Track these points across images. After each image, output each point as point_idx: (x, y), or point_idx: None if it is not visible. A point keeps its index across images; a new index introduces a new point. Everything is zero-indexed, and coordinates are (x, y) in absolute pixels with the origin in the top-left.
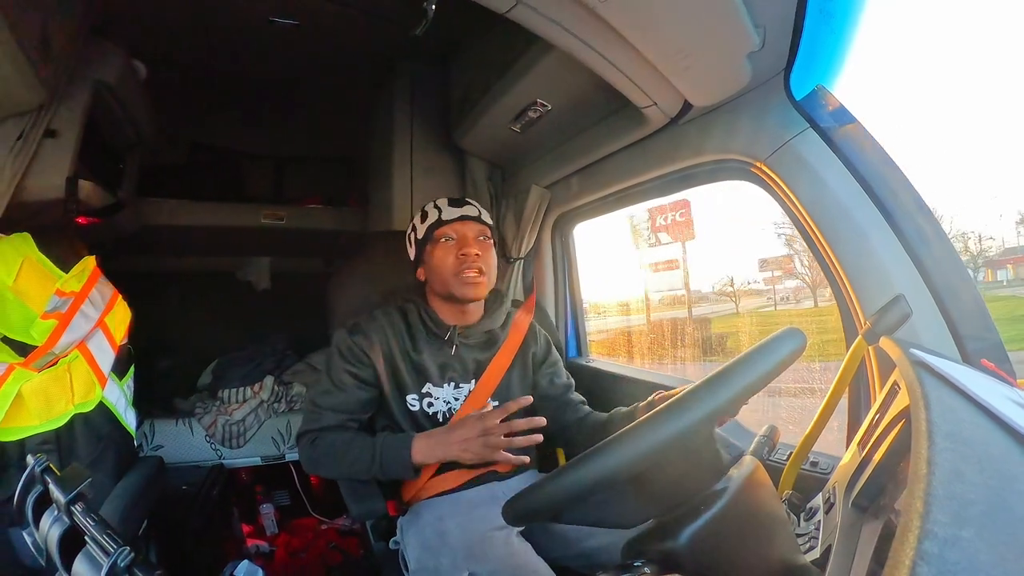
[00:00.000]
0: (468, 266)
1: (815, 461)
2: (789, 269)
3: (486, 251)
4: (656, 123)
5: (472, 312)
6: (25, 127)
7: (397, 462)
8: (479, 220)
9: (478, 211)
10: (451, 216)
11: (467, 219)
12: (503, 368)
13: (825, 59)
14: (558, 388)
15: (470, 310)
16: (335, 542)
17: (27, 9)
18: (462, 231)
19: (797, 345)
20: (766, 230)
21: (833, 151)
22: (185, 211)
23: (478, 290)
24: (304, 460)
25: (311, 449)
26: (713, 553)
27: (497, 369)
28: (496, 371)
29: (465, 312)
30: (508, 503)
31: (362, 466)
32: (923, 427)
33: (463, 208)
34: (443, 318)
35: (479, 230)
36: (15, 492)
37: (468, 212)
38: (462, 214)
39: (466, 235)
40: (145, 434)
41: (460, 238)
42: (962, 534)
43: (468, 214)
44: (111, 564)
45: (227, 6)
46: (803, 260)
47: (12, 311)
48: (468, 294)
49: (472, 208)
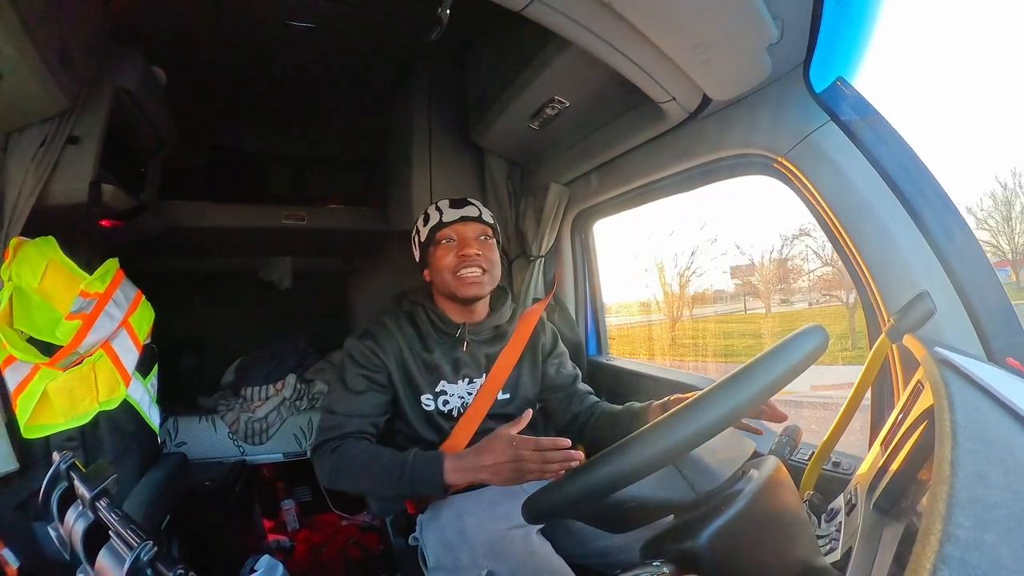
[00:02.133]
0: (468, 265)
1: (837, 461)
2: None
3: (487, 250)
4: (675, 118)
5: (479, 309)
6: (48, 134)
7: (428, 481)
8: (479, 220)
9: (479, 211)
10: (451, 218)
11: (467, 220)
12: (512, 361)
13: (844, 51)
14: (565, 378)
15: (477, 308)
16: (355, 538)
17: (47, 19)
18: (462, 232)
19: (819, 342)
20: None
21: (855, 144)
22: (207, 213)
23: (479, 288)
24: (324, 471)
25: (332, 458)
26: (732, 553)
27: (507, 362)
28: (506, 364)
29: (472, 310)
30: (527, 501)
31: (390, 481)
32: (947, 427)
33: (463, 209)
34: (451, 317)
35: (480, 230)
36: (41, 487)
37: (468, 213)
38: (462, 215)
39: (466, 235)
40: (169, 431)
41: (461, 239)
42: (985, 538)
43: (468, 215)
44: (134, 558)
45: (244, 11)
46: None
47: (37, 312)
48: (469, 292)
49: (472, 208)
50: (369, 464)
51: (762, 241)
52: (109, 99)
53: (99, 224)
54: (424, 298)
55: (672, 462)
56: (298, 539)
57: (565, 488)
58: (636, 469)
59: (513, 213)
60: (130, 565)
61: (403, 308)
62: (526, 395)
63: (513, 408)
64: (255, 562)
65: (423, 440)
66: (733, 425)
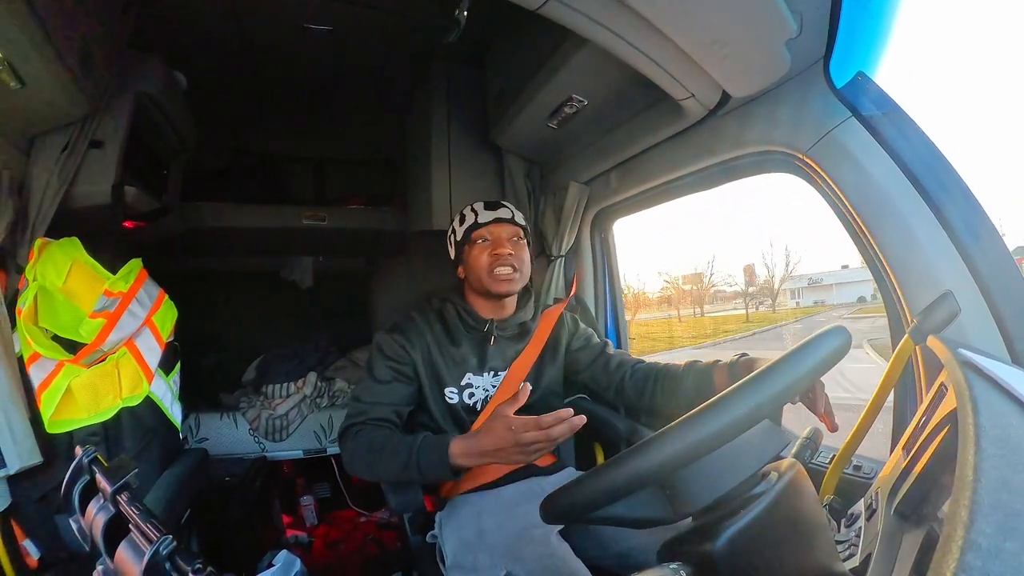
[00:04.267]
0: (501, 264)
1: (858, 465)
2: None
3: (519, 250)
4: (695, 115)
5: (507, 306)
6: (71, 138)
7: (435, 463)
8: (512, 222)
9: (511, 213)
10: (486, 219)
11: (501, 221)
12: (534, 356)
13: (864, 45)
14: (595, 347)
15: (505, 304)
16: (373, 534)
17: (68, 26)
18: (497, 232)
19: (840, 343)
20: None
21: (877, 140)
22: (229, 213)
23: (511, 285)
24: (345, 456)
25: (352, 443)
26: (750, 557)
27: (528, 357)
28: (527, 359)
29: (501, 306)
30: (546, 501)
31: (398, 464)
32: (970, 432)
33: (497, 211)
34: (481, 313)
35: (513, 231)
36: (63, 481)
37: (502, 215)
38: (496, 216)
39: (500, 236)
40: (191, 427)
41: (495, 239)
42: (1006, 546)
43: (502, 216)
44: (153, 551)
45: (262, 16)
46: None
47: (62, 311)
48: (501, 289)
49: (506, 211)
50: (380, 447)
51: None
52: (131, 104)
53: (123, 225)
54: (454, 295)
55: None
56: (316, 535)
57: (583, 489)
58: (655, 469)
59: (532, 212)
60: (149, 558)
61: (432, 305)
62: (548, 386)
63: (535, 398)
64: (273, 557)
65: (444, 432)
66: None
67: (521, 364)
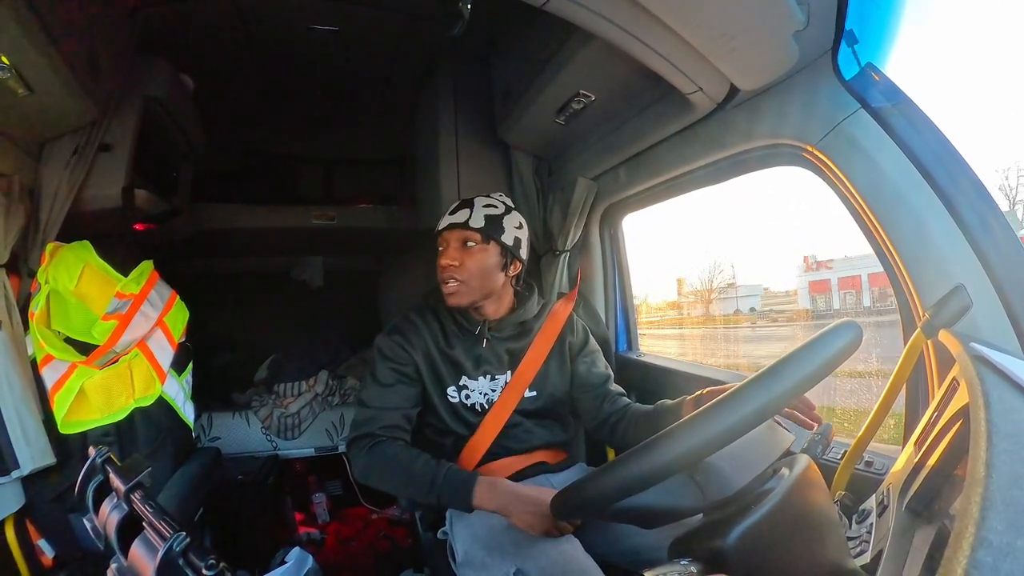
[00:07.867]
0: (441, 276)
1: (870, 461)
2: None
3: (466, 257)
4: (703, 109)
5: (496, 307)
6: (79, 143)
7: (457, 500)
8: (464, 226)
9: (469, 215)
10: (443, 225)
11: (454, 227)
12: (540, 357)
13: (873, 36)
14: (597, 377)
15: (488, 306)
16: (384, 531)
17: (74, 32)
18: (447, 240)
19: (852, 338)
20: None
21: (887, 132)
22: (239, 214)
23: (456, 299)
24: (358, 467)
25: (368, 455)
26: (761, 553)
27: (534, 359)
28: (533, 361)
29: (488, 308)
30: (555, 498)
31: (420, 491)
32: (982, 427)
33: (453, 215)
34: (471, 314)
35: (463, 236)
36: (77, 480)
37: (456, 219)
38: (450, 222)
39: (448, 243)
40: (203, 426)
41: (444, 247)
42: (1018, 543)
43: (455, 221)
44: (167, 548)
45: (267, 17)
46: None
47: (74, 314)
48: (450, 302)
49: (463, 213)
50: (402, 469)
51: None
52: (139, 108)
53: (133, 228)
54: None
55: (701, 459)
56: (328, 532)
57: (593, 486)
58: (665, 467)
59: (541, 208)
60: (163, 555)
61: (428, 304)
62: (554, 392)
63: (540, 404)
64: (285, 554)
65: (452, 433)
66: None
67: (526, 366)
